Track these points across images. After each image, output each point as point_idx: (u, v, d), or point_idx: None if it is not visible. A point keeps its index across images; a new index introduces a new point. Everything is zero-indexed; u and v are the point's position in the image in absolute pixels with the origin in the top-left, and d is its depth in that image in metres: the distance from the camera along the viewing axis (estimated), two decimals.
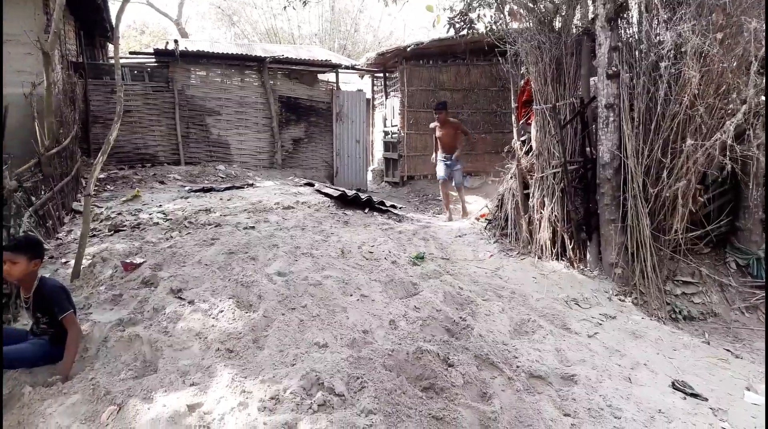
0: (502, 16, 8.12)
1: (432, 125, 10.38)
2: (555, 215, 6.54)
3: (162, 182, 11.56)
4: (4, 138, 8.48)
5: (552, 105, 6.55)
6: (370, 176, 17.48)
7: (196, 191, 10.22)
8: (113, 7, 15.21)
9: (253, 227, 7.06)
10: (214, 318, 4.29)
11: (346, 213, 8.43)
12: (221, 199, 9.26)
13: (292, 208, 8.58)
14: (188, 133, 14.08)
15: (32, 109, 9.15)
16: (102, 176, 11.64)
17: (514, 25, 7.76)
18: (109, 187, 10.91)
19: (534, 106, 6.98)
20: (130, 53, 15.77)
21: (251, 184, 11.65)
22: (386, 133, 16.77)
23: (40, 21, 11.24)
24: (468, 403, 3.61)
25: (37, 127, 8.43)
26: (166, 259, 5.18)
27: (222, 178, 12.76)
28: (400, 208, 9.68)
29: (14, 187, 5.36)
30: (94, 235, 7.71)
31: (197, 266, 5.04)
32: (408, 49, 15.05)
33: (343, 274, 5.10)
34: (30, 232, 5.36)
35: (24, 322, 4.87)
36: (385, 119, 17.12)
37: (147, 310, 4.46)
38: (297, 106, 15.46)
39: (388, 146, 16.63)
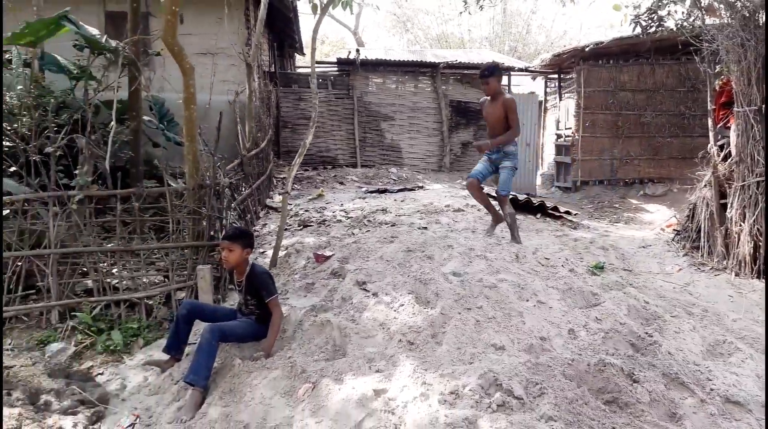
0: (696, 12, 7.50)
1: (481, 100, 7.14)
2: (758, 229, 5.90)
3: (341, 183, 12.35)
4: (219, 140, 9.69)
5: (757, 107, 5.92)
6: (539, 181, 17.05)
7: (372, 192, 10.78)
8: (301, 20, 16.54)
9: (425, 228, 7.29)
10: (395, 310, 4.53)
11: (517, 217, 8.35)
12: (395, 200, 9.66)
13: (462, 210, 8.70)
14: (365, 137, 14.87)
15: (235, 114, 10.29)
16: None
17: (709, 20, 7.13)
18: (296, 186, 11.91)
19: (735, 109, 6.36)
20: (316, 63, 17.04)
21: (421, 187, 12.00)
22: (558, 136, 16.25)
23: (243, 35, 12.60)
24: (655, 422, 3.43)
25: (239, 131, 9.46)
26: (351, 254, 5.57)
27: (394, 180, 13.29)
28: (574, 214, 9.34)
29: (227, 184, 6.11)
30: (286, 229, 8.52)
31: (379, 261, 5.35)
32: (586, 49, 14.45)
33: (519, 278, 5.09)
34: (235, 223, 6.05)
35: (231, 303, 5.54)
36: (557, 122, 16.60)
37: (336, 299, 4.83)
38: (467, 110, 15.58)
39: (560, 150, 16.10)
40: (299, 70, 18.83)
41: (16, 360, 4.31)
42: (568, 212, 8.96)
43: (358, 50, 15.58)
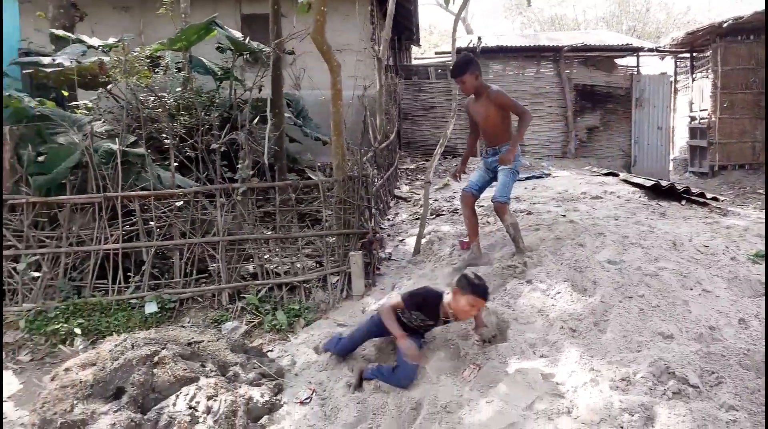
0: None
1: (466, 101, 5.84)
2: None
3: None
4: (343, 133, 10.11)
5: None
6: (671, 166, 16.12)
7: None
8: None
9: (563, 216, 7.18)
10: (552, 298, 4.55)
11: (660, 204, 8.00)
12: (525, 188, 9.57)
13: (600, 197, 8.46)
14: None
15: (363, 108, 10.62)
16: (412, 167, 12.99)
17: None
18: (420, 176, 12.10)
19: None
20: (436, 53, 17.15)
21: (548, 174, 11.76)
22: (692, 119, 15.25)
23: (368, 30, 12.93)
24: None
25: (370, 124, 9.77)
26: (497, 241, 5.65)
27: None
28: (722, 200, 8.79)
29: (374, 175, 6.38)
30: (417, 219, 8.74)
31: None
32: (724, 25, 13.44)
33: (679, 266, 4.91)
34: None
35: (381, 287, 5.79)
36: (690, 103, 15.58)
37: (489, 285, 4.93)
38: (592, 94, 15.03)
39: (694, 133, 15.11)
40: (415, 62, 19.00)
41: (203, 336, 4.79)
42: (715, 199, 8.44)
43: (479, 38, 15.48)
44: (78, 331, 5.43)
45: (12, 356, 5.29)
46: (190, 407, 3.84)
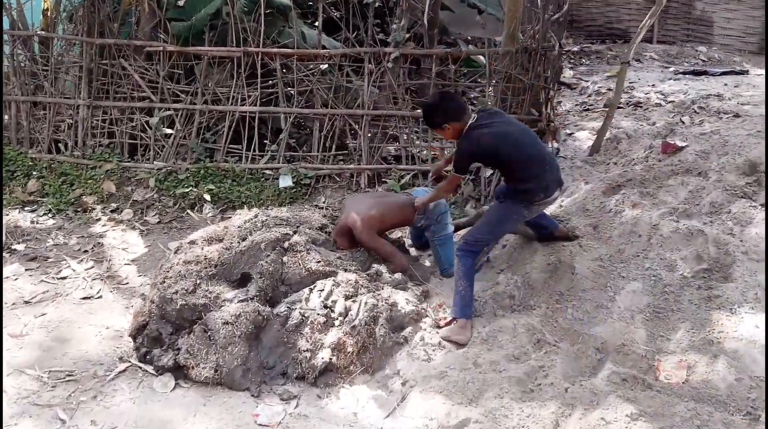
0: None
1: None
2: None
3: (638, 60, 10.51)
4: None
5: None
6: None
7: (685, 73, 8.91)
8: None
9: None
10: None
11: None
12: (725, 84, 7.78)
13: None
14: (667, 7, 12.40)
15: None
16: (575, 50, 11.25)
17: None
18: (584, 61, 10.44)
19: None
20: None
21: (745, 71, 9.65)
22: None
23: None
24: None
25: None
26: (714, 147, 4.36)
27: (703, 60, 10.96)
28: None
29: (556, 46, 5.18)
30: (587, 110, 7.42)
31: None
32: None
33: None
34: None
35: None
36: None
37: (702, 204, 3.78)
38: None
39: None
40: None
41: None
42: None
43: None
44: (207, 197, 5.02)
45: (140, 216, 5.02)
46: (326, 306, 3.23)
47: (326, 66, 5.25)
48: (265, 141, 5.39)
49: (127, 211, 5.04)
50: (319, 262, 3.48)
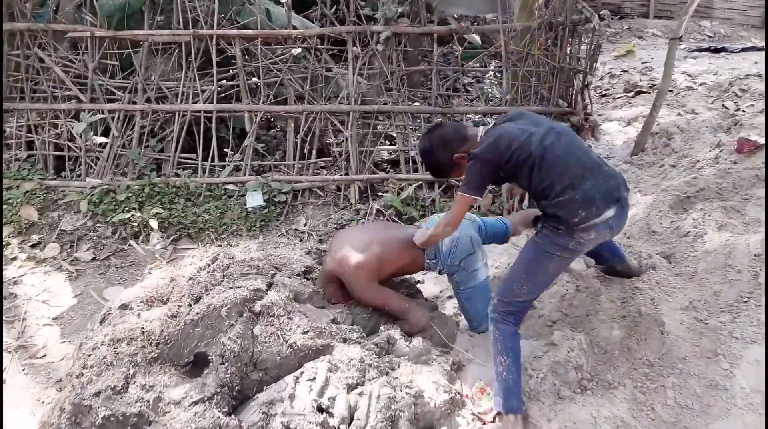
0: None
1: None
2: None
3: (640, 37, 9.62)
4: None
5: None
6: None
7: (701, 51, 8.04)
8: None
9: None
10: None
11: None
12: (756, 62, 6.92)
13: None
14: None
15: None
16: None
17: None
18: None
19: None
20: None
21: (760, 47, 8.81)
22: None
23: None
24: None
25: None
26: None
27: (709, 36, 10.16)
28: None
29: (594, 20, 4.16)
30: (603, 95, 6.45)
31: None
32: None
33: None
34: None
35: None
36: None
37: None
38: None
39: None
40: None
41: None
42: None
43: None
44: (154, 224, 3.90)
45: (69, 251, 3.88)
46: (320, 408, 2.18)
47: (299, 51, 4.15)
48: (226, 150, 4.28)
49: (52, 246, 3.90)
50: (307, 331, 2.42)
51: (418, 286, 3.41)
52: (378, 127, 4.27)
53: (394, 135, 4.23)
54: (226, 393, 2.25)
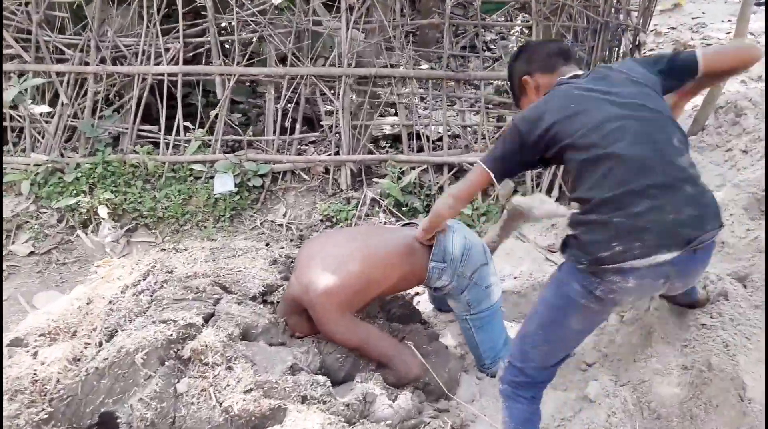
0: None
1: None
2: None
3: None
4: None
5: None
6: None
7: (758, 4, 7.02)
8: None
9: None
10: None
11: None
12: None
13: None
14: None
15: None
16: None
17: None
18: None
19: None
20: None
21: None
22: None
23: None
24: None
25: None
26: None
27: None
28: None
29: None
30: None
31: None
32: None
33: None
34: None
35: None
36: None
37: None
38: None
39: None
40: None
41: None
42: None
43: None
44: (103, 213, 3.24)
45: (6, 242, 3.26)
46: None
47: (280, 0, 3.38)
48: (192, 127, 3.59)
49: None
50: (249, 390, 1.77)
51: (417, 299, 2.75)
52: (377, 96, 3.52)
53: (396, 103, 3.47)
54: None
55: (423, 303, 2.71)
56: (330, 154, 3.42)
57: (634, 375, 2.02)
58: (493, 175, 1.63)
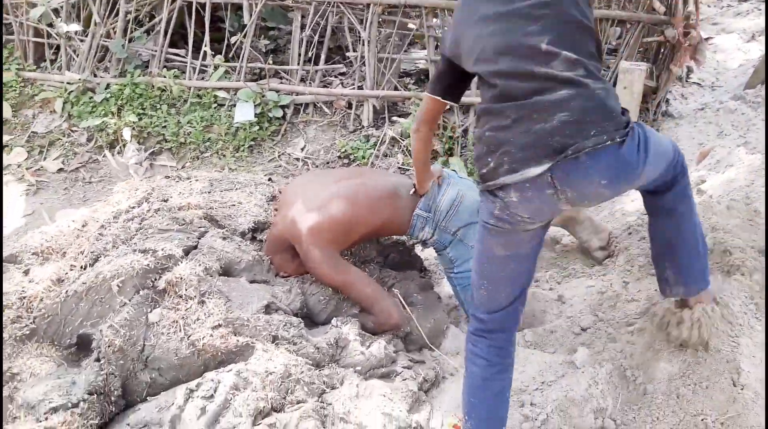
0: None
1: None
2: None
3: None
4: None
5: None
6: None
7: None
8: None
9: None
10: None
11: None
12: None
13: None
14: None
15: None
16: None
17: None
18: None
19: None
20: None
21: None
22: None
23: None
24: None
25: None
26: None
27: None
28: None
29: None
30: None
31: None
32: None
33: None
34: None
35: None
36: None
37: None
38: None
39: None
40: None
41: None
42: None
43: None
44: (127, 135, 3.29)
45: (36, 158, 3.37)
46: None
47: None
48: (219, 46, 3.52)
49: (19, 151, 3.41)
50: (217, 326, 1.77)
51: (418, 248, 2.67)
52: (407, 27, 3.33)
53: (425, 37, 3.28)
54: (96, 401, 1.68)
55: (428, 250, 2.64)
56: (354, 88, 3.30)
57: (626, 346, 1.89)
58: (432, 96, 1.61)
